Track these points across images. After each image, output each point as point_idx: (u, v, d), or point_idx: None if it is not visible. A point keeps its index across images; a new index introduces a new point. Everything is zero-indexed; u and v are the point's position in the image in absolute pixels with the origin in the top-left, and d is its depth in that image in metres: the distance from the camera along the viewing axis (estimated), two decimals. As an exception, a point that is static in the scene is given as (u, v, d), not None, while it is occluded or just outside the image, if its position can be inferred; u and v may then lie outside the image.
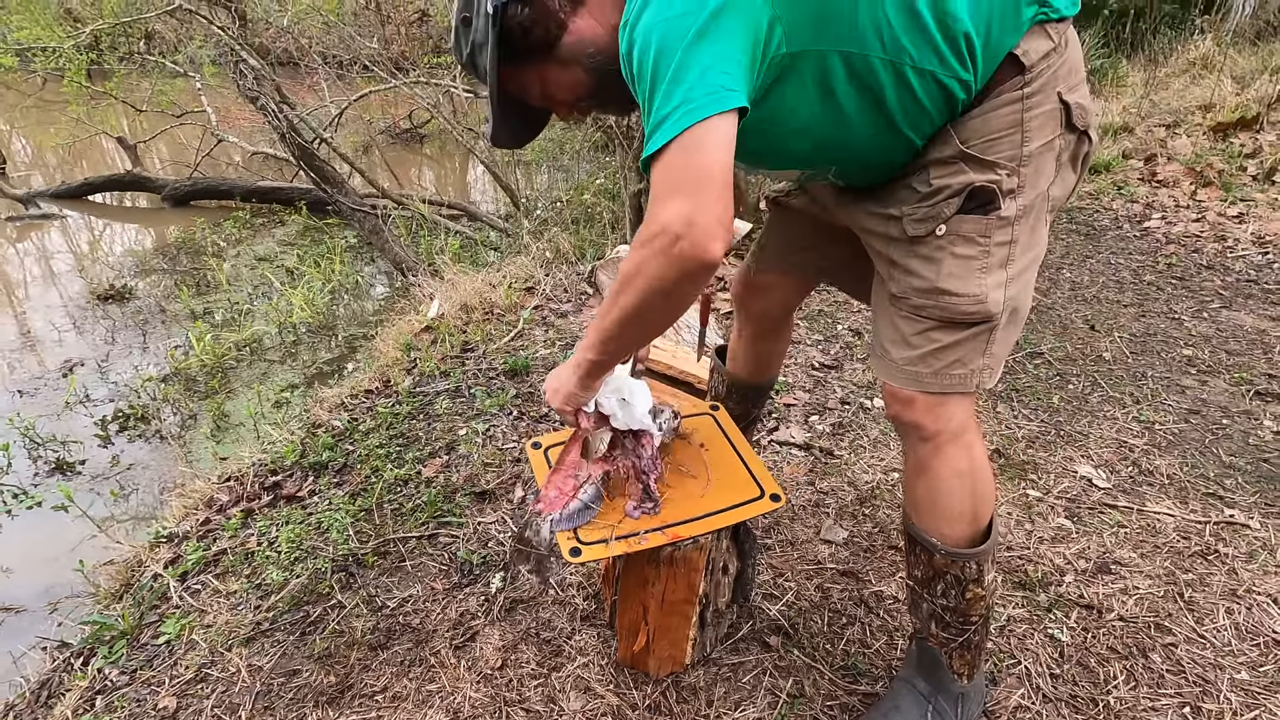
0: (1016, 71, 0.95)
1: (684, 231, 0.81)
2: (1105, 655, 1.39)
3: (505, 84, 1.01)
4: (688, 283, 0.86)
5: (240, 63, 5.02)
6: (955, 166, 0.99)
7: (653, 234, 0.83)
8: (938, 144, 1.00)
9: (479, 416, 2.27)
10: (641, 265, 0.86)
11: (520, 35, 0.97)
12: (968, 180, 0.98)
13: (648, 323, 0.96)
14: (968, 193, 0.98)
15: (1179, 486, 1.90)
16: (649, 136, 0.85)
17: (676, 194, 0.82)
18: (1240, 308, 3.01)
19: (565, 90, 1.03)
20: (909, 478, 1.13)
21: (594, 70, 1.00)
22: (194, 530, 1.92)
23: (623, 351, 1.04)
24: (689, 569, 1.24)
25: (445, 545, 1.74)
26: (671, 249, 0.82)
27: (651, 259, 0.84)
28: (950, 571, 1.10)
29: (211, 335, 3.84)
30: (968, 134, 0.97)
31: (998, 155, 0.97)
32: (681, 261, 0.82)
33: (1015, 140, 0.96)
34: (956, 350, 1.04)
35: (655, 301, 0.89)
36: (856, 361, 2.57)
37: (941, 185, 1.00)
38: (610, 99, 1.07)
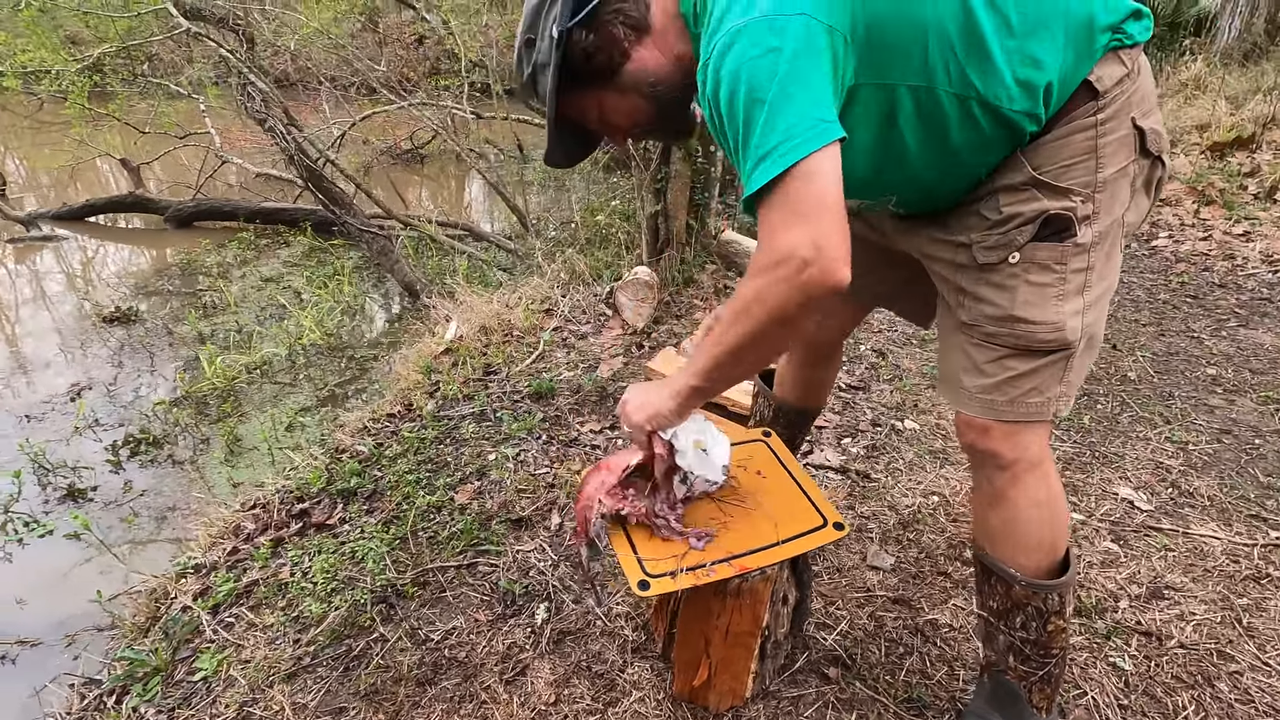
0: (1090, 98, 0.94)
1: (812, 256, 0.81)
2: (1171, 685, 1.37)
3: (564, 107, 1.02)
4: (810, 309, 0.85)
5: (248, 85, 5.03)
6: (1027, 193, 0.98)
7: (776, 260, 0.83)
8: (1007, 170, 0.99)
9: (507, 441, 2.24)
10: (763, 292, 0.85)
11: (583, 60, 0.97)
12: (1042, 208, 0.97)
13: (762, 351, 0.94)
14: (1042, 220, 0.98)
15: (1220, 508, 1.88)
16: (751, 173, 0.85)
17: (798, 221, 0.82)
18: (1257, 326, 3.03)
19: (623, 116, 1.04)
20: (983, 507, 1.11)
21: (654, 99, 1.00)
22: (222, 560, 1.87)
23: (730, 381, 1.02)
24: (755, 601, 1.22)
25: (485, 575, 1.70)
26: (799, 275, 0.82)
27: (775, 285, 0.84)
28: (1031, 603, 1.08)
29: (221, 358, 3.80)
30: (1040, 160, 0.97)
31: (1072, 182, 0.96)
32: (808, 287, 0.82)
33: (1089, 166, 0.96)
34: (1033, 378, 1.03)
35: (774, 329, 0.88)
36: (883, 383, 2.56)
37: (1013, 213, 0.99)
38: (667, 127, 1.08)
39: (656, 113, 1.02)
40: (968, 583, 1.64)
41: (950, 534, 1.79)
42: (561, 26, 0.94)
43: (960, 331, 1.09)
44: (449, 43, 7.00)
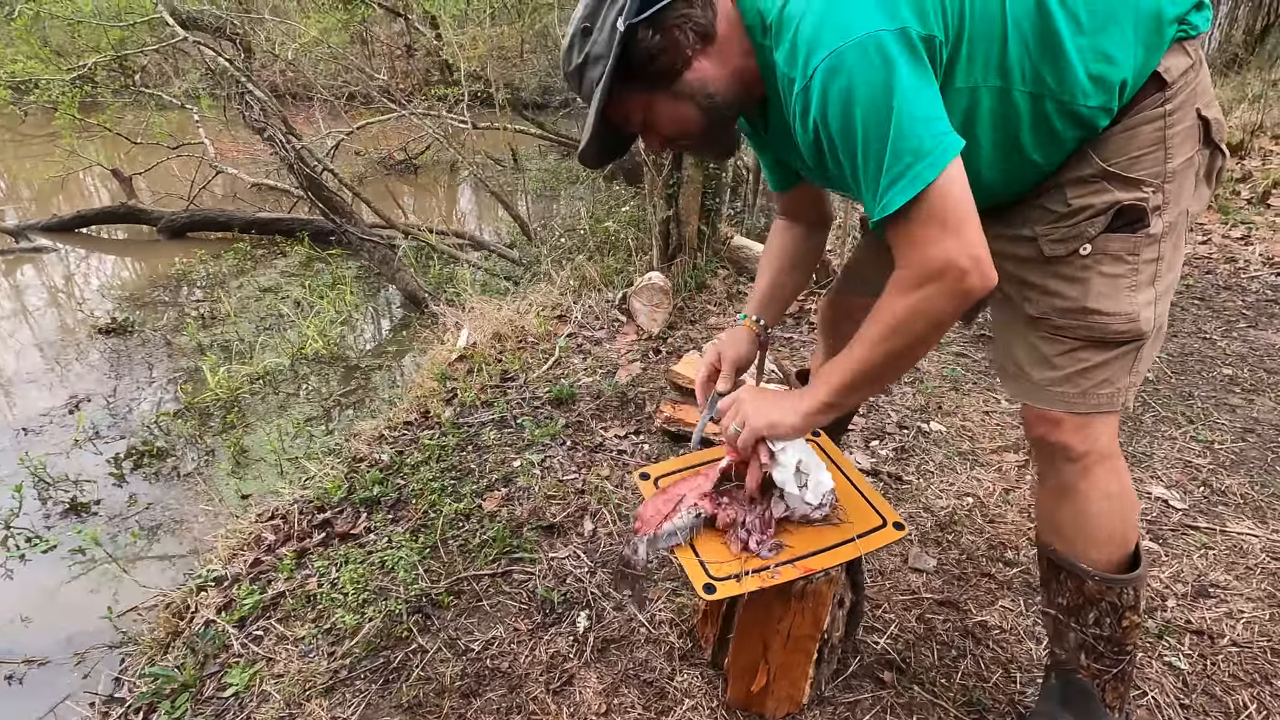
0: (1158, 89, 0.94)
1: (970, 266, 0.83)
2: (1229, 684, 1.36)
3: (609, 105, 0.97)
4: (964, 308, 0.87)
5: (247, 94, 4.99)
6: (1097, 185, 0.98)
7: (933, 272, 0.84)
8: (1075, 164, 0.99)
9: (531, 447, 2.20)
10: (921, 307, 0.86)
11: (644, 60, 0.93)
12: (1113, 199, 0.97)
13: (904, 366, 0.95)
14: (1114, 211, 0.97)
15: (1254, 506, 1.88)
16: (883, 194, 0.85)
17: (948, 234, 0.83)
18: (1266, 327, 3.05)
19: (672, 124, 1.00)
20: (1050, 501, 1.10)
21: (709, 110, 0.97)
22: (245, 572, 1.82)
23: (859, 399, 1.02)
24: (817, 603, 1.19)
25: (521, 583, 1.66)
26: (959, 285, 0.84)
27: (936, 299, 0.85)
28: (1105, 599, 1.06)
29: (224, 368, 3.73)
30: (1108, 153, 0.96)
31: (1142, 173, 0.96)
32: (970, 295, 0.84)
33: (1159, 157, 0.96)
34: (1105, 370, 1.02)
35: (928, 338, 0.90)
36: (904, 386, 2.55)
37: (1082, 205, 0.99)
38: (713, 141, 1.05)
39: (708, 125, 0.99)
40: (1012, 584, 1.62)
41: (989, 535, 1.78)
42: (627, 21, 0.90)
43: (1027, 326, 1.08)
44: (446, 53, 7.00)
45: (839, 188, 1.13)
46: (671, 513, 1.14)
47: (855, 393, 0.97)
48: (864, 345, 0.92)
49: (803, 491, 1.11)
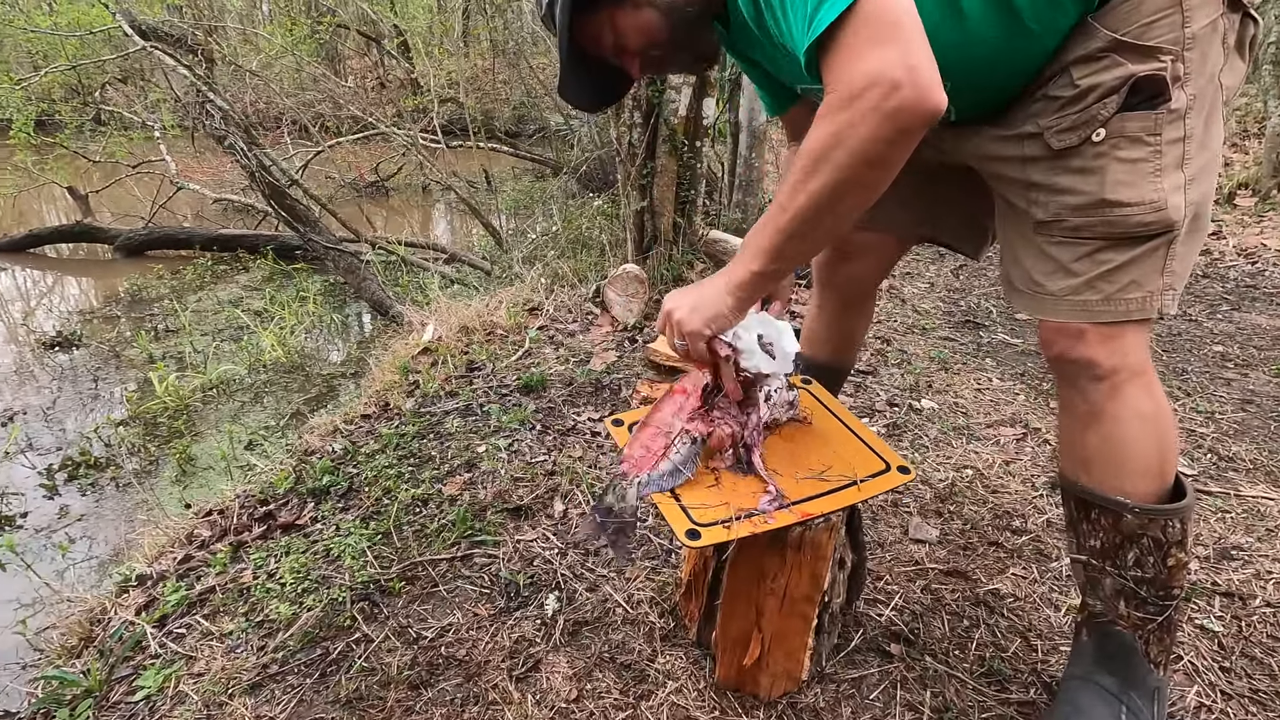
0: None
1: (905, 77, 0.68)
2: (1269, 645, 1.23)
3: (578, 33, 0.95)
4: (904, 144, 0.72)
5: (207, 103, 4.84)
6: (1107, 60, 0.87)
7: (860, 89, 0.70)
8: (1078, 41, 0.88)
9: (498, 433, 2.04)
10: (844, 130, 0.71)
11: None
12: (1127, 73, 0.86)
13: (843, 210, 0.79)
14: (1130, 86, 0.86)
15: (1265, 470, 1.78)
16: (814, 15, 0.73)
17: (881, 43, 0.69)
18: (1249, 309, 3.02)
19: (638, 35, 0.95)
20: (1075, 430, 0.97)
21: (668, 12, 0.93)
22: (172, 570, 1.62)
23: (798, 257, 0.86)
24: (816, 556, 1.04)
25: (483, 567, 1.48)
26: (888, 100, 0.69)
27: (862, 119, 0.70)
28: (1148, 534, 0.92)
29: (174, 376, 3.51)
30: (1116, 23, 0.85)
31: (1158, 39, 0.85)
32: (902, 114, 0.69)
33: (1175, 21, 0.85)
34: (1131, 270, 0.90)
35: (861, 175, 0.74)
36: (892, 367, 2.44)
37: (1091, 84, 0.88)
38: (684, 46, 0.98)
39: (672, 28, 0.94)
40: (1022, 551, 1.48)
41: (993, 505, 1.65)
42: None
43: (1037, 233, 0.96)
44: (418, 73, 6.96)
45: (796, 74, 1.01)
46: (666, 448, 1.00)
47: (790, 247, 0.83)
48: (785, 191, 0.79)
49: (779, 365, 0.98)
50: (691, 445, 1.00)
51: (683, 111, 3.06)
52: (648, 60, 1.00)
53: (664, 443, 1.00)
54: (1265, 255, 3.74)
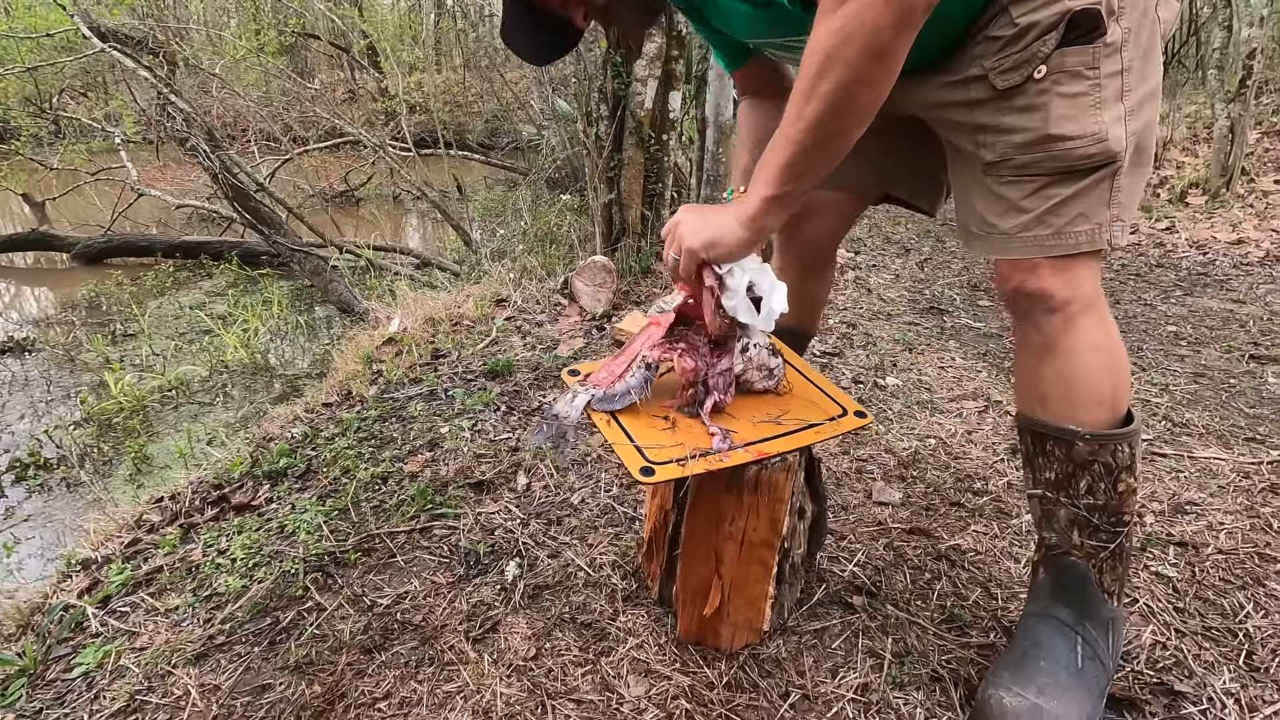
0: None
1: None
2: (1221, 587, 1.24)
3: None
4: (908, 29, 0.72)
5: (168, 105, 4.77)
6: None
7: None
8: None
9: (462, 415, 2.01)
10: (849, 24, 0.71)
11: None
12: (1063, 8, 0.87)
13: (859, 109, 0.78)
14: (1067, 21, 0.88)
15: (1217, 434, 1.82)
16: None
17: None
18: (1201, 295, 3.11)
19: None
20: (1031, 365, 0.98)
21: None
22: (119, 553, 1.56)
23: (814, 175, 0.84)
24: (774, 498, 1.03)
25: (442, 538, 1.45)
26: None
27: (867, 8, 0.70)
28: (1098, 459, 0.93)
29: (132, 379, 3.41)
30: None
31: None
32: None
33: None
34: (1078, 202, 0.92)
35: (870, 70, 0.74)
36: (857, 349, 2.46)
37: (1030, 22, 0.89)
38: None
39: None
40: (983, 510, 1.49)
41: (955, 470, 1.66)
42: None
43: (986, 174, 0.97)
44: (386, 78, 6.93)
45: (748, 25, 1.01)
46: (625, 371, 0.99)
47: (803, 170, 0.82)
48: (795, 103, 0.78)
49: (757, 320, 0.97)
50: (647, 370, 1.00)
51: (649, 105, 3.08)
52: (593, 8, 0.99)
53: (624, 369, 0.99)
54: (1215, 247, 3.87)
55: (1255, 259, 3.61)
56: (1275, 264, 3.49)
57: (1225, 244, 3.90)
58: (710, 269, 0.93)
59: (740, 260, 0.93)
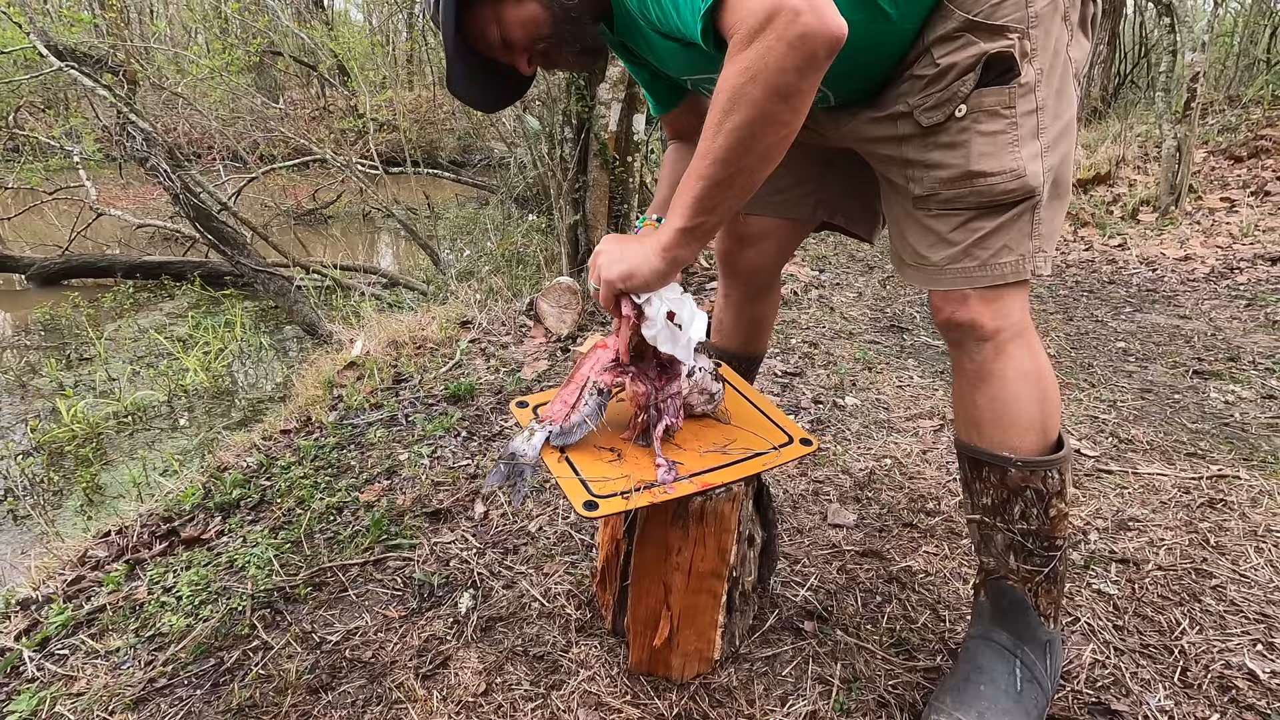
0: None
1: (803, 5, 0.70)
2: (1159, 604, 1.28)
3: (465, 30, 0.96)
4: (813, 72, 0.73)
5: (128, 124, 4.70)
6: (962, 39, 0.92)
7: (763, 22, 0.71)
8: (936, 22, 0.93)
9: (421, 441, 1.99)
10: (755, 63, 0.72)
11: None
12: (980, 51, 0.91)
13: (765, 147, 0.79)
14: (983, 63, 0.92)
15: (1161, 450, 1.88)
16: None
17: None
18: (1149, 311, 3.21)
19: (521, 28, 0.96)
20: (965, 392, 1.01)
21: (549, 4, 0.94)
22: (60, 591, 1.51)
23: (728, 206, 0.85)
24: (720, 529, 1.04)
25: (397, 570, 1.43)
26: (792, 28, 0.70)
27: (770, 49, 0.71)
28: (1030, 486, 0.96)
29: (86, 404, 3.33)
30: (969, 3, 0.91)
31: (1005, 19, 0.90)
32: (807, 40, 0.71)
33: (1019, 2, 0.91)
34: (1002, 235, 0.95)
35: (775, 109, 0.75)
36: (819, 369, 2.49)
37: (950, 63, 0.92)
38: (570, 36, 0.99)
39: (554, 20, 0.95)
40: (935, 531, 1.52)
41: (909, 490, 1.69)
42: None
43: (916, 207, 1.01)
44: (356, 101, 6.89)
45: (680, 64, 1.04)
46: (578, 401, 0.99)
47: (712, 204, 0.84)
48: (705, 139, 0.80)
49: (676, 348, 0.98)
50: (599, 396, 1.00)
51: (613, 127, 3.11)
52: (535, 54, 1.01)
53: (579, 395, 1.00)
54: (1163, 263, 4.00)
55: (1201, 275, 3.74)
56: (1219, 280, 3.62)
57: (1173, 260, 4.04)
58: (628, 299, 0.95)
59: (658, 290, 0.94)
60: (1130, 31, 11.09)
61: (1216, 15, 6.99)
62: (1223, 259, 3.93)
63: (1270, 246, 4.02)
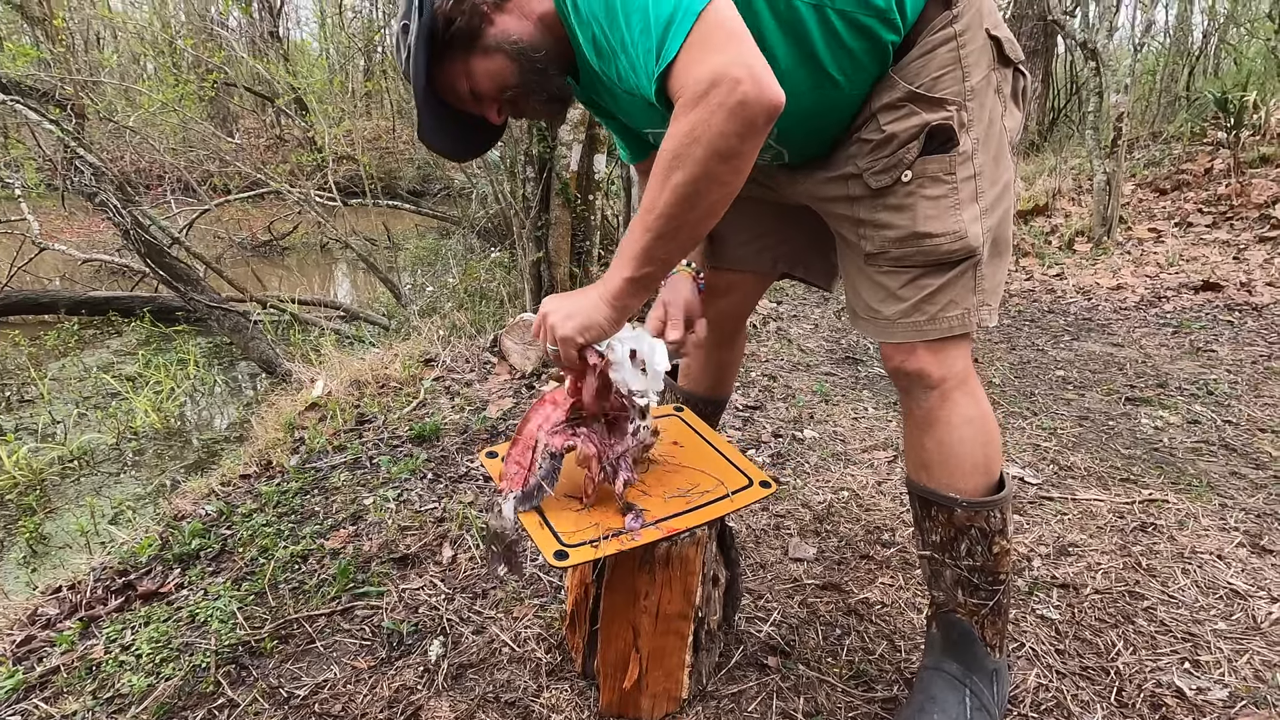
0: (944, 7, 0.97)
1: (743, 75, 0.75)
2: (1097, 626, 1.36)
3: (436, 83, 1.01)
4: (752, 137, 0.78)
5: (76, 159, 4.60)
6: (905, 109, 0.99)
7: (706, 87, 0.77)
8: (883, 90, 1.00)
9: (387, 484, 1.99)
10: (698, 126, 0.78)
11: (445, 26, 0.96)
12: (923, 121, 0.98)
13: (707, 204, 0.84)
14: (926, 134, 1.00)
15: (1097, 476, 1.99)
16: (660, 46, 0.80)
17: (718, 50, 0.77)
18: (1086, 339, 3.39)
19: (489, 79, 1.01)
20: (915, 435, 1.08)
21: (517, 56, 0.99)
22: (9, 653, 1.46)
23: (668, 260, 0.90)
24: (685, 572, 1.08)
25: (365, 619, 1.43)
26: (732, 95, 0.76)
27: (710, 115, 0.77)
28: (974, 525, 1.03)
29: (29, 449, 3.20)
30: (911, 75, 0.98)
31: (944, 92, 0.98)
32: (746, 107, 0.76)
33: (957, 76, 0.98)
34: (948, 291, 1.03)
35: (716, 170, 0.80)
36: (778, 401, 2.57)
37: (895, 131, 1.00)
38: (536, 86, 1.04)
39: (522, 71, 1.00)
40: (890, 562, 1.59)
41: (865, 522, 1.76)
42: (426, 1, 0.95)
43: (868, 264, 1.08)
44: (315, 133, 6.85)
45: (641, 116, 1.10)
46: (532, 462, 1.02)
47: (656, 255, 0.89)
48: (649, 194, 0.86)
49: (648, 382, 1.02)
50: (551, 460, 1.04)
51: (574, 167, 3.19)
52: (504, 104, 1.05)
53: (532, 456, 1.03)
54: (1098, 292, 4.23)
55: (1132, 303, 3.97)
56: (1149, 308, 3.85)
57: (1107, 289, 4.28)
58: (591, 349, 0.99)
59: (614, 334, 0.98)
60: (1062, 70, 11.74)
61: (1138, 60, 7.49)
62: (1151, 288, 4.18)
63: (1193, 275, 4.30)
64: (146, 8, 13.63)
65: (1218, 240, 5.07)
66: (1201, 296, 3.93)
